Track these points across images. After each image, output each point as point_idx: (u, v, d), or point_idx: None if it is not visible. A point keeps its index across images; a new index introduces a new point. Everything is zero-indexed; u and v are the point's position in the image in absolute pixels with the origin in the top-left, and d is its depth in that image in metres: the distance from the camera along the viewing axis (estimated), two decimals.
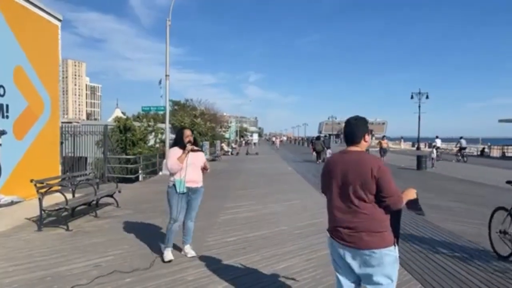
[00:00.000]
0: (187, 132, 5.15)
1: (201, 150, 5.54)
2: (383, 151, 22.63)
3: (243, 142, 67.03)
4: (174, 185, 4.96)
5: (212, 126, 36.98)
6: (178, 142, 5.11)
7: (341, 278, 2.76)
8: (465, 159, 24.81)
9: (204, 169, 5.35)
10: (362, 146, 2.74)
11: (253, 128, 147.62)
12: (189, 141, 5.04)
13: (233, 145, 49.72)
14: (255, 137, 63.85)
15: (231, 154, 34.41)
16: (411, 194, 2.81)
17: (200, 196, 5.29)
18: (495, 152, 35.07)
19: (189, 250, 5.18)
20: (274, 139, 57.07)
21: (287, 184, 13.04)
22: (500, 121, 32.31)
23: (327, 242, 2.84)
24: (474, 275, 4.49)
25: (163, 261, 4.90)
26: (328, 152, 23.19)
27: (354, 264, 2.61)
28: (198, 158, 5.22)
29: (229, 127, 61.43)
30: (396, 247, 2.60)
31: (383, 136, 25.40)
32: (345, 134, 2.79)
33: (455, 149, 27.53)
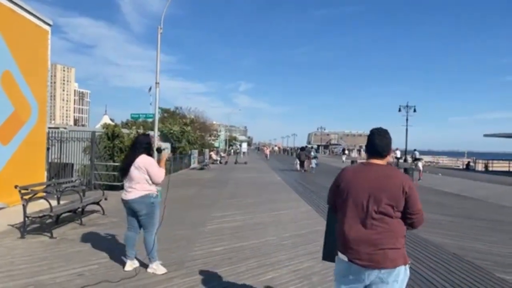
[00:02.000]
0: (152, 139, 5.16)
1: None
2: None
3: (232, 151, 66.97)
4: (157, 195, 4.93)
5: (201, 135, 36.92)
6: (149, 150, 5.01)
7: None
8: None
9: None
10: (385, 160, 2.67)
11: (242, 137, 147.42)
12: (157, 148, 5.17)
13: (222, 154, 49.66)
14: (244, 146, 63.86)
15: (220, 163, 34.32)
16: None
17: None
18: (480, 166, 35.68)
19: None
20: (265, 149, 57.15)
21: (275, 194, 13.05)
22: (485, 135, 32.93)
23: (337, 265, 2.65)
24: None
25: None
26: (313, 162, 25.10)
27: (371, 284, 2.47)
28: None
29: (219, 135, 61.40)
30: (409, 265, 2.54)
31: (396, 149, 22.24)
32: (372, 146, 2.67)
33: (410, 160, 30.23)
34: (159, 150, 5.21)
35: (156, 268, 4.84)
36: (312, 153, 28.05)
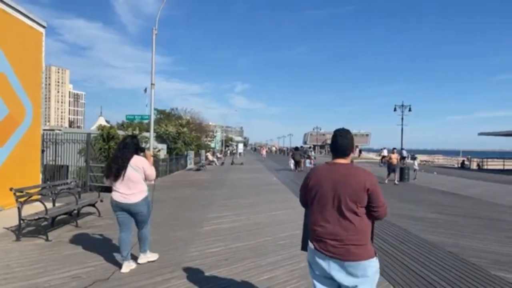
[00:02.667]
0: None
1: None
2: (391, 168, 17.98)
3: (228, 152, 66.94)
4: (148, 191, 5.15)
5: (197, 136, 36.86)
6: (140, 149, 5.13)
7: None
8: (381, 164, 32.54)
9: None
10: (349, 159, 2.78)
11: (238, 138, 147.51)
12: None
13: (218, 155, 49.63)
14: (241, 147, 63.91)
15: (216, 164, 34.29)
16: None
17: None
18: (475, 164, 35.88)
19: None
20: (262, 150, 57.23)
21: (271, 195, 13.05)
22: (480, 134, 33.12)
23: (308, 253, 2.85)
24: (454, 286, 4.57)
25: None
26: (307, 162, 25.54)
27: (339, 276, 2.62)
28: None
29: (215, 136, 61.36)
30: (377, 258, 2.66)
31: (393, 149, 19.49)
32: (335, 146, 2.78)
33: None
34: (142, 150, 5.23)
35: (150, 255, 5.22)
36: (313, 154, 28.74)
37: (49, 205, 7.20)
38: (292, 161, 26.76)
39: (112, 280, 4.53)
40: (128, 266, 4.93)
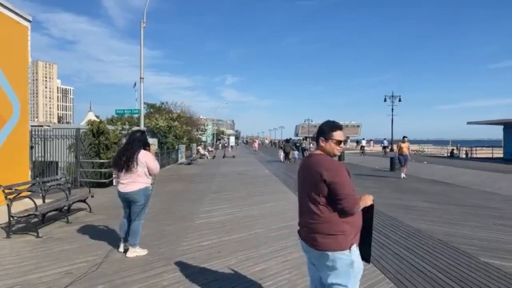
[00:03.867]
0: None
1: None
2: (403, 158, 15.80)
3: (220, 145, 66.82)
4: (152, 187, 5.44)
5: (188, 129, 36.69)
6: (146, 144, 5.42)
7: (310, 276, 2.92)
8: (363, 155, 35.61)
9: None
10: (324, 149, 2.76)
11: (230, 131, 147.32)
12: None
13: (210, 148, 49.54)
14: (232, 140, 63.82)
15: (208, 157, 34.23)
16: (367, 200, 2.77)
17: None
18: (464, 153, 36.32)
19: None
20: (253, 143, 57.16)
21: (263, 187, 13.08)
22: (469, 123, 33.47)
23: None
24: (444, 273, 4.64)
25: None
26: (296, 153, 27.75)
27: (316, 264, 2.74)
28: None
29: (206, 130, 61.12)
30: (352, 251, 2.58)
31: (404, 137, 16.01)
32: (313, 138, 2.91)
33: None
34: (149, 145, 5.51)
35: (139, 251, 5.30)
36: (308, 146, 29.56)
37: (39, 201, 7.13)
38: (282, 153, 27.55)
39: (104, 276, 4.51)
40: (122, 247, 5.43)
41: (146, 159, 5.24)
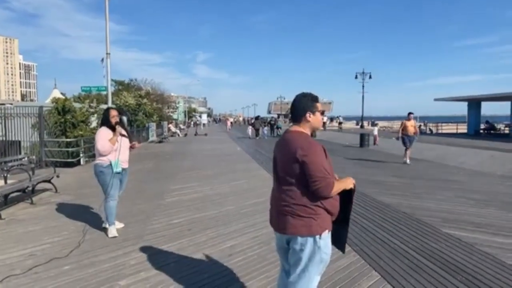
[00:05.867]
0: (113, 112, 5.30)
1: (127, 136, 5.51)
2: (408, 139, 12.78)
3: (192, 123, 66.08)
4: (110, 165, 5.12)
5: (158, 107, 36.00)
6: (105, 122, 5.24)
7: (281, 262, 2.78)
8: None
9: (131, 147, 5.60)
10: (304, 126, 2.54)
11: (202, 109, 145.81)
12: (116, 122, 5.20)
13: (181, 126, 48.93)
14: (204, 118, 63.16)
15: (179, 135, 33.82)
16: (347, 183, 2.55)
17: (127, 175, 5.57)
18: (428, 129, 37.52)
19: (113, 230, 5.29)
20: (226, 121, 56.78)
21: (235, 164, 13.08)
22: (436, 99, 34.36)
23: None
24: (406, 244, 4.81)
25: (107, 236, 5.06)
26: (265, 130, 29.72)
27: (284, 248, 2.61)
28: (126, 141, 5.43)
29: (177, 107, 60.21)
30: (323, 237, 2.44)
31: (409, 114, 12.99)
32: (290, 112, 2.63)
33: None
34: (117, 123, 5.26)
35: (110, 230, 5.24)
36: (279, 123, 30.91)
37: (0, 182, 6.86)
38: (251, 129, 29.46)
39: (71, 256, 4.42)
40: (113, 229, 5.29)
41: (96, 136, 5.21)
